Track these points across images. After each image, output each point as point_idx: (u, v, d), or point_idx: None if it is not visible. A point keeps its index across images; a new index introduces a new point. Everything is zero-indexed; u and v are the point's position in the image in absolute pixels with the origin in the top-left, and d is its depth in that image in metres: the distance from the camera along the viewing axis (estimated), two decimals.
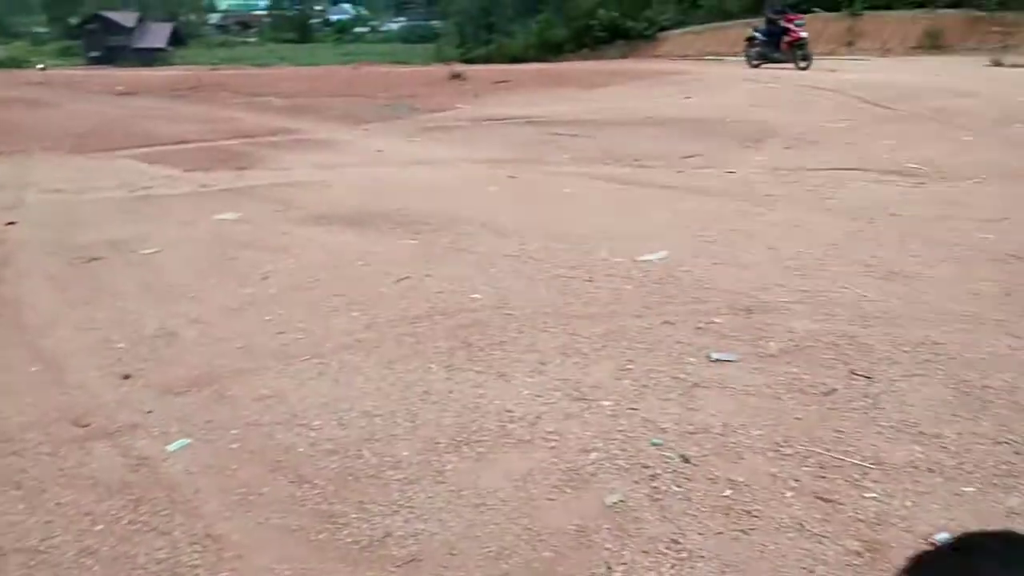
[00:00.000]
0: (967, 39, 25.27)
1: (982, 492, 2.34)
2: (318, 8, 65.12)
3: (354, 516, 2.38)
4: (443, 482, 2.52)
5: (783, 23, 16.71)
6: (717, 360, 3.32)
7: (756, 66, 17.13)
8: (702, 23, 33.22)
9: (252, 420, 2.97)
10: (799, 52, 16.07)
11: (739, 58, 18.77)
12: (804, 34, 16.43)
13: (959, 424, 2.72)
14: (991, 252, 4.71)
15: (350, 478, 2.57)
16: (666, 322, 3.78)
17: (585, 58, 28.28)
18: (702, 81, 15.17)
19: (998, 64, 18.57)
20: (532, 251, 4.94)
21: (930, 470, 2.46)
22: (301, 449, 2.76)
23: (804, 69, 15.51)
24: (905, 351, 3.32)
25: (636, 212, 5.98)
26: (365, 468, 2.62)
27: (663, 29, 34.23)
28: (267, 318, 3.98)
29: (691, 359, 3.36)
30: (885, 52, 25.64)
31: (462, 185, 7.18)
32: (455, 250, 5.03)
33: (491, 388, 3.13)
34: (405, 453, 2.69)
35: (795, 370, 3.18)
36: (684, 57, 29.20)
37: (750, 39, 18.06)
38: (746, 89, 13.28)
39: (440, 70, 18.32)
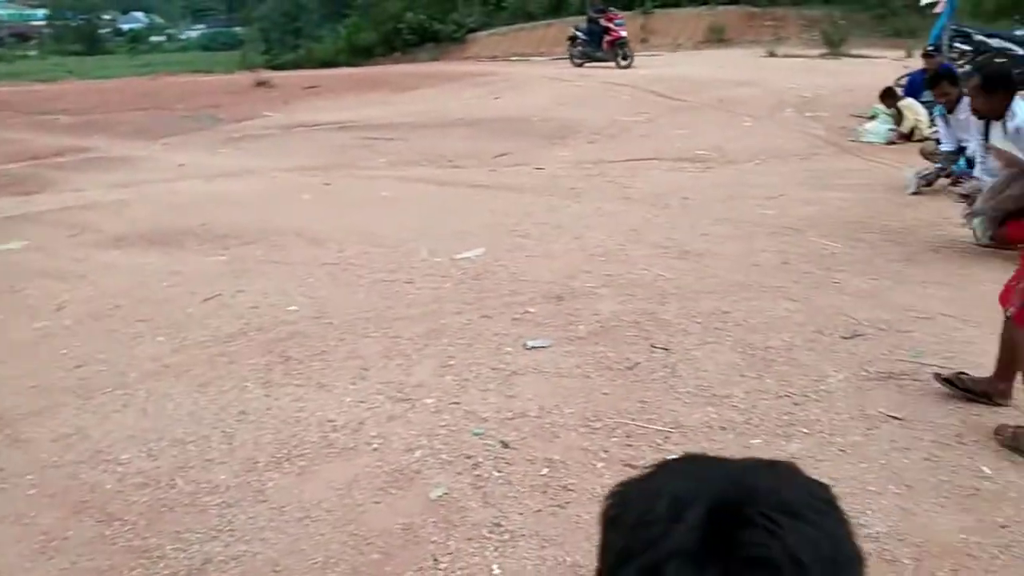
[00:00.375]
0: (746, 33, 27.57)
1: (767, 443, 2.61)
2: (106, 17, 60.34)
3: (170, 548, 2.28)
4: (264, 501, 2.47)
5: (603, 22, 16.99)
6: (532, 347, 3.46)
7: (579, 65, 17.33)
8: (507, 24, 34.10)
9: (51, 462, 2.76)
10: (620, 51, 16.46)
11: (544, 59, 19.43)
12: (624, 33, 16.82)
13: (746, 383, 3.01)
14: (770, 226, 5.22)
15: (164, 509, 2.46)
16: (485, 316, 3.88)
17: (396, 61, 28.15)
18: (509, 82, 15.57)
19: (772, 55, 20.46)
20: (350, 257, 4.90)
21: (722, 428, 2.71)
22: (108, 486, 2.60)
23: (626, 68, 15.99)
24: (698, 322, 3.62)
25: (452, 212, 6.07)
26: (179, 497, 2.51)
27: (471, 31, 34.74)
28: (63, 352, 3.70)
29: (509, 349, 3.48)
30: (676, 47, 27.46)
31: (273, 195, 6.98)
32: (268, 262, 4.89)
33: (311, 400, 3.10)
34: (223, 477, 2.60)
35: (602, 349, 3.38)
36: (492, 58, 29.84)
37: (572, 39, 18.19)
38: (551, 88, 13.80)
39: (245, 78, 17.59)
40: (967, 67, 10.51)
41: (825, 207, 5.63)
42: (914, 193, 5.85)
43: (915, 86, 8.62)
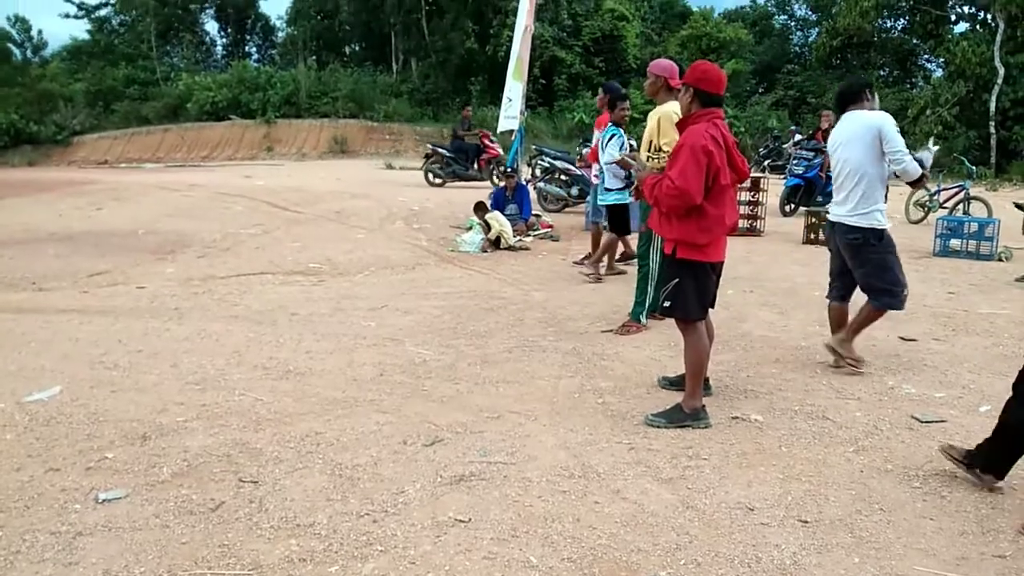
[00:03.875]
0: (367, 145, 29.18)
1: (344, 567, 2.66)
2: None
3: None
4: None
5: (483, 141, 16.36)
6: (105, 500, 3.15)
7: (440, 184, 16.16)
8: (118, 128, 31.94)
9: None
10: (497, 168, 15.60)
11: (159, 165, 18.45)
12: (500, 151, 16.23)
13: (331, 507, 3.06)
14: (372, 338, 5.46)
15: None
16: (51, 469, 3.45)
17: None
18: (117, 191, 14.52)
19: (390, 167, 21.87)
20: None
21: (302, 560, 2.70)
22: None
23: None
24: (291, 447, 3.62)
25: (27, 345, 5.36)
26: None
27: (76, 134, 31.88)
28: None
29: (76, 506, 3.13)
30: (301, 156, 28.01)
31: None
32: None
33: None
34: None
35: (186, 491, 3.20)
36: (102, 164, 27.60)
37: (431, 155, 16.71)
38: (161, 198, 13.13)
39: None
40: (543, 180, 12.29)
41: (423, 316, 6.07)
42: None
43: (499, 201, 9.81)
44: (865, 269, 4.72)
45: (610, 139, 6.98)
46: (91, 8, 38.65)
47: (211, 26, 43.16)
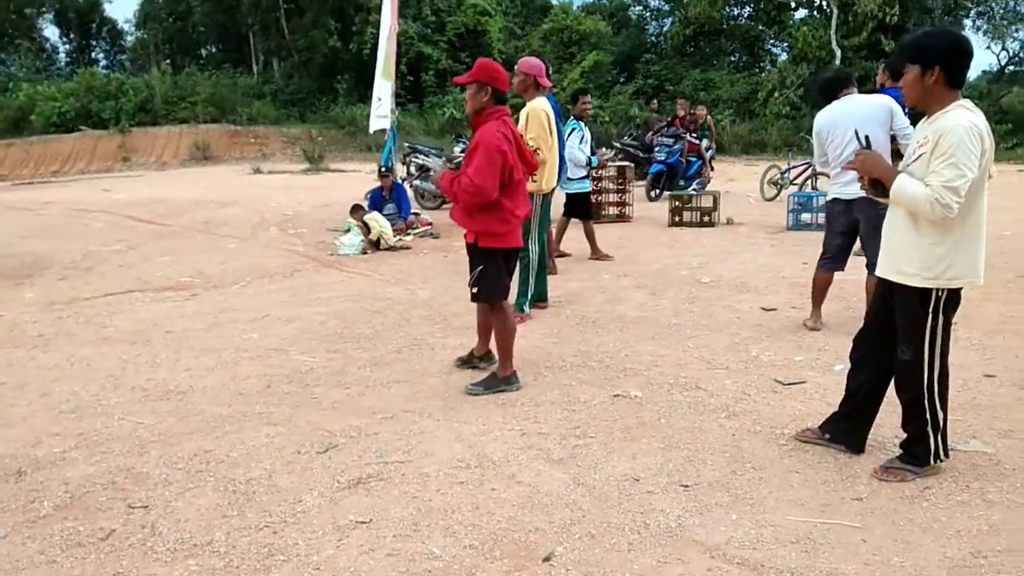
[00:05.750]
0: (231, 150, 28.10)
1: None
2: None
3: None
4: None
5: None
6: None
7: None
8: None
9: None
10: None
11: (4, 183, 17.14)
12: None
13: (228, 523, 3.03)
14: (255, 350, 5.37)
15: None
16: None
17: None
18: None
19: (258, 171, 21.21)
20: None
21: None
22: None
23: None
24: (180, 468, 3.54)
25: None
26: None
27: None
28: None
29: None
30: (161, 165, 26.70)
31: None
32: None
33: None
34: None
35: (71, 523, 3.09)
36: None
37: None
38: (12, 218, 12.27)
39: None
40: (419, 177, 12.28)
41: (306, 323, 6.01)
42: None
43: (376, 201, 9.77)
44: None
45: (571, 132, 8.06)
46: None
47: (51, 31, 40.38)
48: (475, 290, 4.39)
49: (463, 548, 2.80)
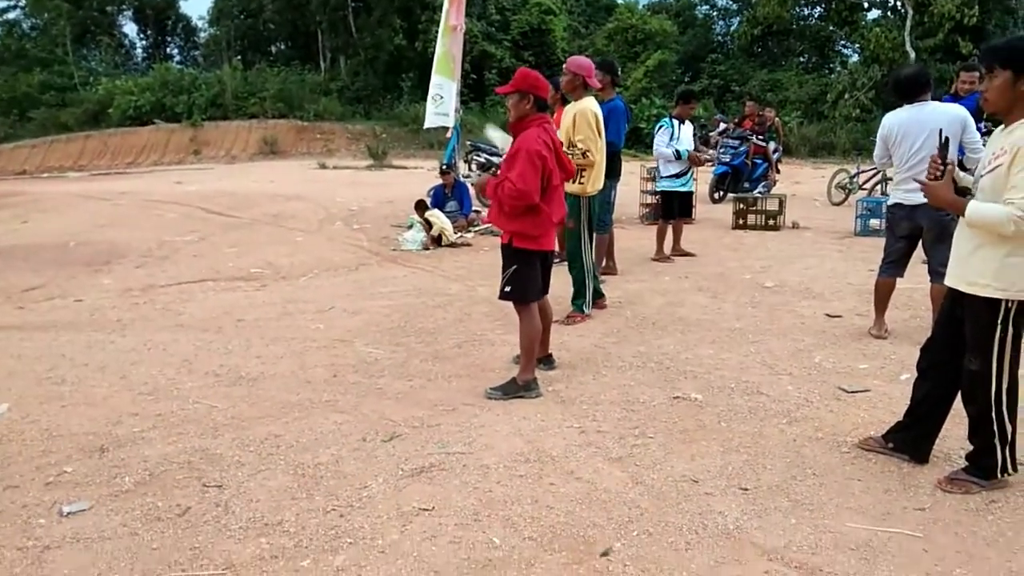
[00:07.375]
0: (298, 145, 28.76)
1: (316, 560, 2.77)
2: None
3: None
4: None
5: None
6: (70, 513, 3.18)
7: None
8: (36, 136, 30.74)
9: None
10: None
11: (83, 174, 17.91)
12: None
13: (297, 505, 3.16)
14: (321, 340, 5.53)
15: None
16: (10, 487, 3.45)
17: None
18: (41, 201, 14.08)
19: (323, 167, 21.66)
20: None
21: (274, 556, 2.80)
22: None
23: None
24: (252, 451, 3.69)
25: None
26: None
27: None
28: None
29: (41, 520, 3.15)
30: (231, 159, 27.45)
31: None
32: None
33: None
34: None
35: (151, 499, 3.25)
36: (21, 174, 26.56)
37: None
38: (90, 208, 12.80)
39: None
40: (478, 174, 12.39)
41: (371, 316, 6.16)
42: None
43: (438, 198, 9.91)
44: (947, 244, 5.01)
45: (659, 129, 8.24)
46: None
47: (130, 28, 41.91)
48: (507, 288, 4.43)
49: (523, 539, 2.86)
